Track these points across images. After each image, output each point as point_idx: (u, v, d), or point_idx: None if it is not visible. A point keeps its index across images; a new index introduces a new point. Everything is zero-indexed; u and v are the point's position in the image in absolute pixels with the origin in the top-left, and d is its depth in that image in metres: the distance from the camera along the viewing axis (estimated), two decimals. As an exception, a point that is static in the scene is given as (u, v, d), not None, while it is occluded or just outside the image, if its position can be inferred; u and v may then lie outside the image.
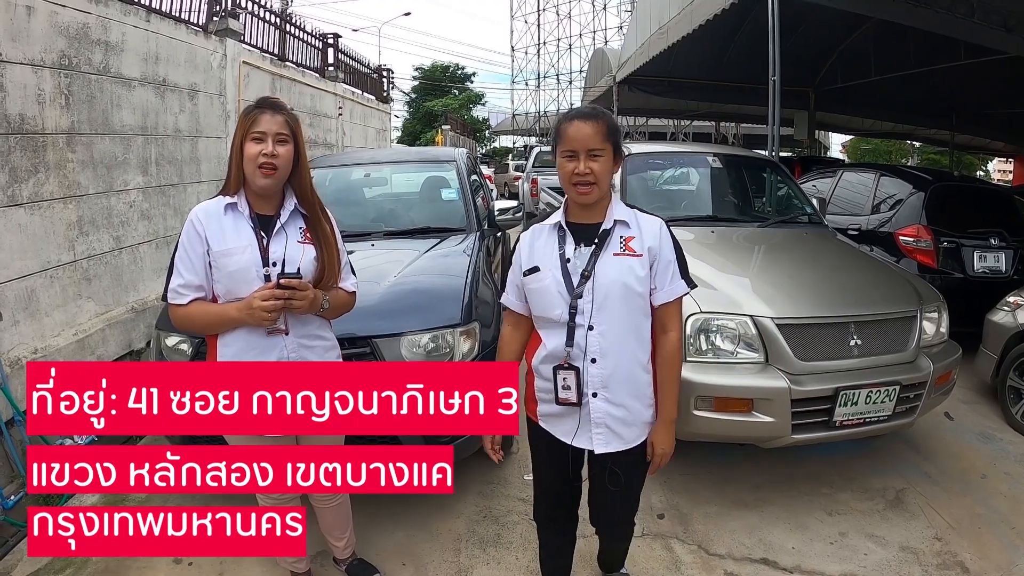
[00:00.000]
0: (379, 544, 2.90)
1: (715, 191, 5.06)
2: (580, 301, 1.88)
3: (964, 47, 9.92)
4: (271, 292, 1.94)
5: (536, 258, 1.97)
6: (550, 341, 1.95)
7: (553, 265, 1.93)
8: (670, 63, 13.34)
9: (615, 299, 1.88)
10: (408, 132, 42.45)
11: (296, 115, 2.11)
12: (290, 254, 2.06)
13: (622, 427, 1.96)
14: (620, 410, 1.94)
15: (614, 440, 1.96)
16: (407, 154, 7.34)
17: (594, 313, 1.88)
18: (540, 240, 2.00)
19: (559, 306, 1.91)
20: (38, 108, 3.76)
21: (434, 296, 3.14)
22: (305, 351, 2.12)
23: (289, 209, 2.12)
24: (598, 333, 1.89)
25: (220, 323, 2.04)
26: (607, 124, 1.86)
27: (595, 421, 1.94)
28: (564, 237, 1.96)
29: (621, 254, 1.90)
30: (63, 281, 3.94)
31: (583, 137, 1.84)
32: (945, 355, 3.43)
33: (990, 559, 2.85)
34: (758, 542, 2.95)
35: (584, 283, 1.89)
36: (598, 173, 1.84)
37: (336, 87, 10.69)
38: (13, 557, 2.88)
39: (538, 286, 1.94)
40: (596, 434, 1.95)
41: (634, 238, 1.92)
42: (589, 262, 1.89)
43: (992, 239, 5.48)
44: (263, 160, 1.98)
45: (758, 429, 3.04)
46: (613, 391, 1.93)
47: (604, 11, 39.28)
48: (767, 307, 3.17)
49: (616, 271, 1.88)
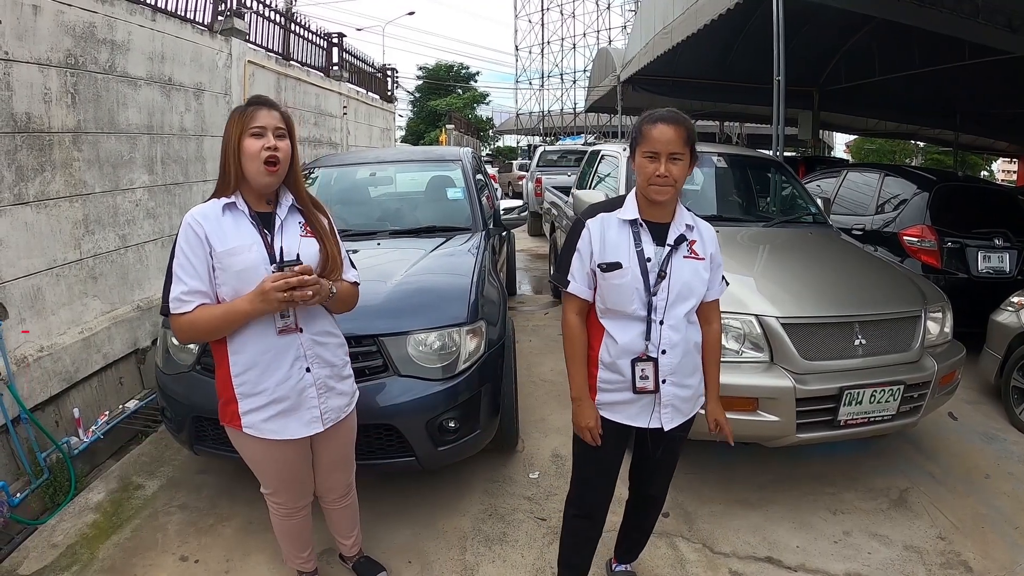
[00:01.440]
0: (385, 542, 2.91)
1: (720, 191, 5.07)
2: (655, 298, 2.01)
3: (968, 47, 9.90)
4: (280, 275, 1.88)
5: (613, 252, 2.04)
6: (622, 335, 2.05)
7: (632, 262, 2.01)
8: (674, 63, 13.33)
9: (683, 297, 2.03)
10: (412, 131, 42.50)
11: (290, 111, 2.08)
12: (294, 248, 2.02)
13: (684, 404, 2.13)
14: (684, 390, 2.11)
15: (677, 416, 2.13)
16: (412, 153, 7.34)
17: (667, 310, 2.02)
18: (612, 232, 2.06)
19: (636, 302, 2.02)
20: (44, 107, 3.77)
21: (440, 295, 3.14)
22: (319, 348, 2.09)
23: (287, 205, 2.08)
24: (668, 327, 2.03)
25: (229, 321, 1.93)
26: (688, 129, 1.94)
27: (664, 403, 2.09)
28: (639, 234, 2.04)
29: (690, 257, 2.05)
30: (69, 279, 3.95)
31: (666, 140, 1.91)
32: (949, 355, 3.44)
33: (993, 559, 2.85)
34: (762, 541, 2.95)
35: (660, 282, 2.01)
36: (676, 176, 1.93)
37: (341, 86, 10.69)
38: (19, 554, 2.89)
39: (619, 282, 2.02)
40: (664, 413, 2.10)
41: (697, 242, 2.08)
42: (664, 263, 2.01)
43: (996, 239, 5.47)
44: (267, 154, 1.93)
45: (763, 428, 3.04)
46: (679, 375, 2.08)
47: (608, 10, 39.32)
48: (772, 306, 3.17)
49: (688, 273, 2.03)
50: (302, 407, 2.07)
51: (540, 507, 3.21)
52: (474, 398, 2.96)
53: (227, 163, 1.99)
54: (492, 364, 3.11)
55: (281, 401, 2.04)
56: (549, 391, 4.64)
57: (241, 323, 1.95)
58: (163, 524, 3.10)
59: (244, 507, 3.17)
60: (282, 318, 2.01)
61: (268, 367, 2.01)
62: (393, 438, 2.84)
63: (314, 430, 2.12)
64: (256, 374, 2.01)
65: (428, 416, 2.81)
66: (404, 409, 2.78)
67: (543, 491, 3.35)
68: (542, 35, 42.70)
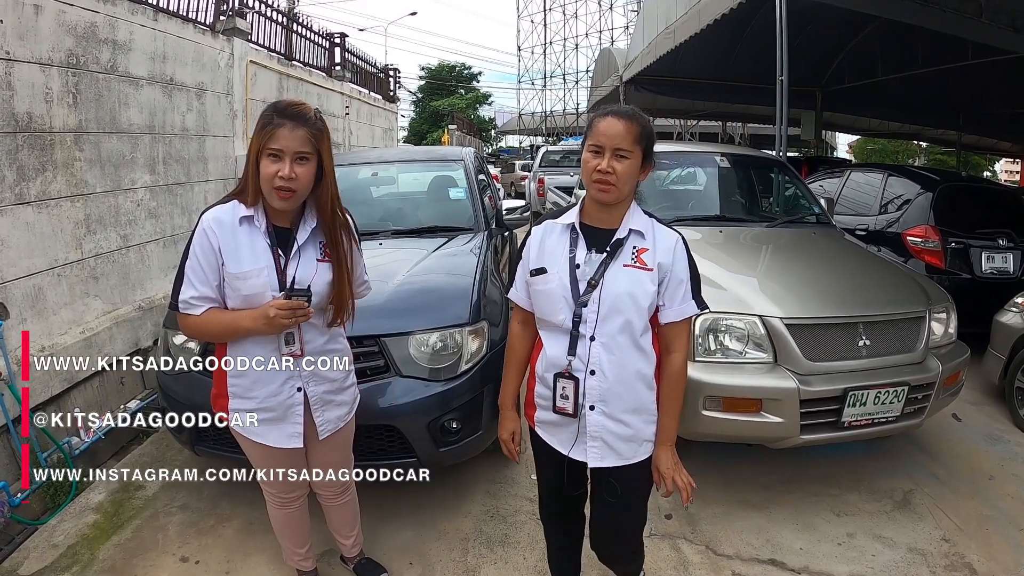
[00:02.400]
0: (387, 543, 2.90)
1: (723, 191, 5.05)
2: (585, 310, 1.82)
3: (971, 47, 9.89)
4: (287, 303, 1.87)
5: (545, 258, 1.90)
6: (551, 347, 1.90)
7: (561, 268, 1.86)
8: (677, 63, 13.33)
9: (621, 312, 1.81)
10: (414, 131, 42.51)
11: (323, 123, 1.93)
12: (309, 275, 1.97)
13: (619, 442, 1.89)
14: (618, 425, 1.88)
15: (610, 455, 1.90)
16: (414, 153, 7.33)
17: (598, 324, 1.82)
18: (551, 238, 1.92)
19: (562, 312, 1.85)
20: (46, 107, 3.77)
21: (442, 295, 3.13)
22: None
23: (309, 227, 1.99)
24: (600, 345, 1.82)
25: (231, 333, 1.96)
26: (640, 127, 1.76)
27: (591, 434, 1.88)
28: (576, 240, 1.88)
29: (631, 266, 1.83)
30: (70, 279, 3.95)
31: (612, 134, 1.74)
32: (953, 356, 3.42)
33: (998, 561, 2.84)
34: (766, 543, 2.94)
35: (590, 292, 1.82)
36: (620, 174, 1.75)
37: (343, 86, 10.70)
38: (20, 554, 2.88)
39: (543, 288, 1.88)
40: (591, 447, 1.89)
41: (647, 250, 1.84)
42: (598, 270, 1.82)
43: (1000, 240, 5.45)
44: (279, 183, 1.83)
45: (767, 429, 3.03)
46: (611, 405, 1.86)
47: (611, 11, 39.27)
48: (776, 307, 3.16)
49: (625, 283, 1.81)
50: (286, 420, 2.09)
51: (542, 508, 3.20)
52: (476, 399, 2.94)
53: (248, 173, 1.91)
54: (494, 365, 3.09)
55: (268, 411, 2.06)
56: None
57: (242, 337, 1.97)
58: (164, 525, 3.09)
59: (245, 508, 3.16)
60: (287, 344, 2.01)
61: (260, 378, 2.03)
62: (395, 439, 2.83)
63: (293, 444, 2.12)
64: (249, 382, 2.04)
65: (430, 417, 2.80)
66: (406, 410, 2.77)
67: (545, 492, 3.33)
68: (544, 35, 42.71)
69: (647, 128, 1.79)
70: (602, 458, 1.90)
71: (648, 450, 1.94)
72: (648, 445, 1.93)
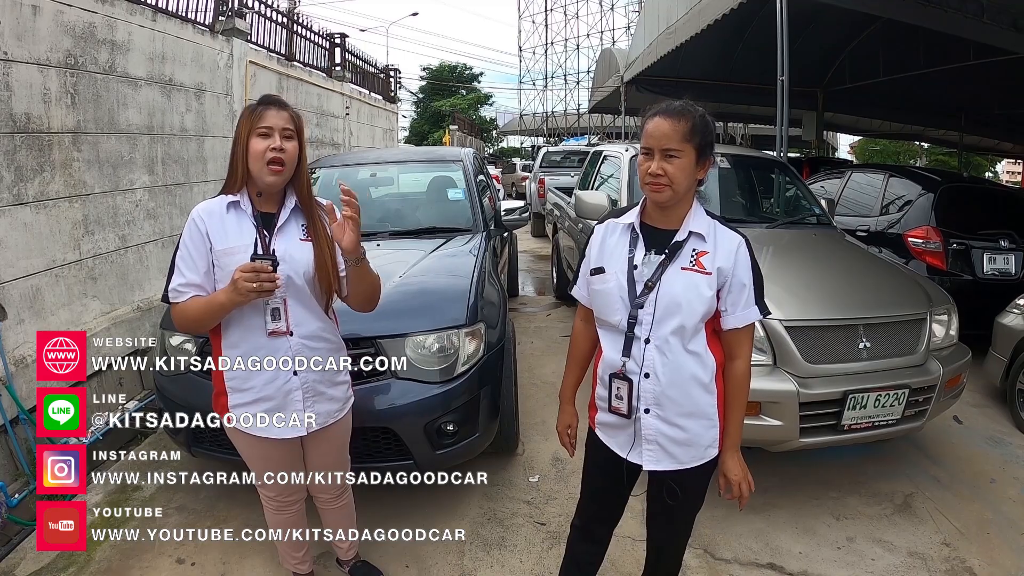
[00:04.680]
0: (383, 546, 2.87)
1: (723, 191, 5.02)
2: (640, 312, 1.80)
3: (973, 47, 9.85)
4: (250, 265, 1.88)
5: (605, 257, 1.89)
6: (608, 348, 1.89)
7: (620, 269, 1.84)
8: (678, 63, 13.29)
9: (675, 315, 1.77)
10: (415, 132, 42.53)
11: (300, 113, 2.08)
12: (290, 251, 2.03)
13: (675, 447, 1.86)
14: (674, 429, 1.85)
15: (665, 459, 1.87)
16: (414, 154, 7.32)
17: (653, 326, 1.79)
18: (612, 238, 1.90)
19: (619, 312, 1.83)
20: (44, 107, 3.76)
21: (439, 297, 3.12)
22: (309, 352, 2.10)
23: (290, 207, 2.09)
24: (654, 348, 1.80)
25: (212, 311, 1.99)
26: (689, 123, 1.71)
27: (646, 437, 1.86)
28: (636, 240, 1.85)
29: (689, 269, 1.78)
30: (68, 280, 3.94)
31: (659, 135, 1.71)
32: (955, 358, 3.40)
33: (999, 565, 2.82)
34: (764, 546, 2.92)
35: (647, 294, 1.79)
36: (672, 175, 1.70)
37: (343, 87, 10.69)
38: (16, 555, 2.88)
39: (601, 288, 1.87)
40: (647, 450, 1.87)
41: (707, 253, 1.79)
42: (655, 272, 1.79)
43: (1002, 241, 5.43)
44: (272, 155, 1.95)
45: (766, 432, 3.01)
46: (666, 409, 1.83)
47: (611, 11, 39.26)
48: (775, 309, 3.12)
49: (681, 286, 1.77)
50: (286, 408, 2.11)
51: (540, 511, 3.18)
52: (473, 401, 2.93)
53: (235, 161, 2.02)
54: (492, 366, 3.08)
55: (266, 400, 2.08)
56: (550, 393, 4.61)
57: (222, 314, 2.00)
58: (160, 526, 3.07)
59: (242, 509, 3.15)
60: (273, 320, 2.04)
61: (254, 365, 2.06)
62: (391, 441, 2.82)
63: (296, 433, 2.14)
64: (244, 371, 2.06)
65: (426, 419, 2.79)
66: (402, 412, 2.76)
67: (543, 495, 3.32)
68: (546, 36, 42.72)
69: (698, 123, 1.73)
70: (657, 461, 1.88)
71: (708, 455, 1.92)
72: (709, 450, 1.91)
